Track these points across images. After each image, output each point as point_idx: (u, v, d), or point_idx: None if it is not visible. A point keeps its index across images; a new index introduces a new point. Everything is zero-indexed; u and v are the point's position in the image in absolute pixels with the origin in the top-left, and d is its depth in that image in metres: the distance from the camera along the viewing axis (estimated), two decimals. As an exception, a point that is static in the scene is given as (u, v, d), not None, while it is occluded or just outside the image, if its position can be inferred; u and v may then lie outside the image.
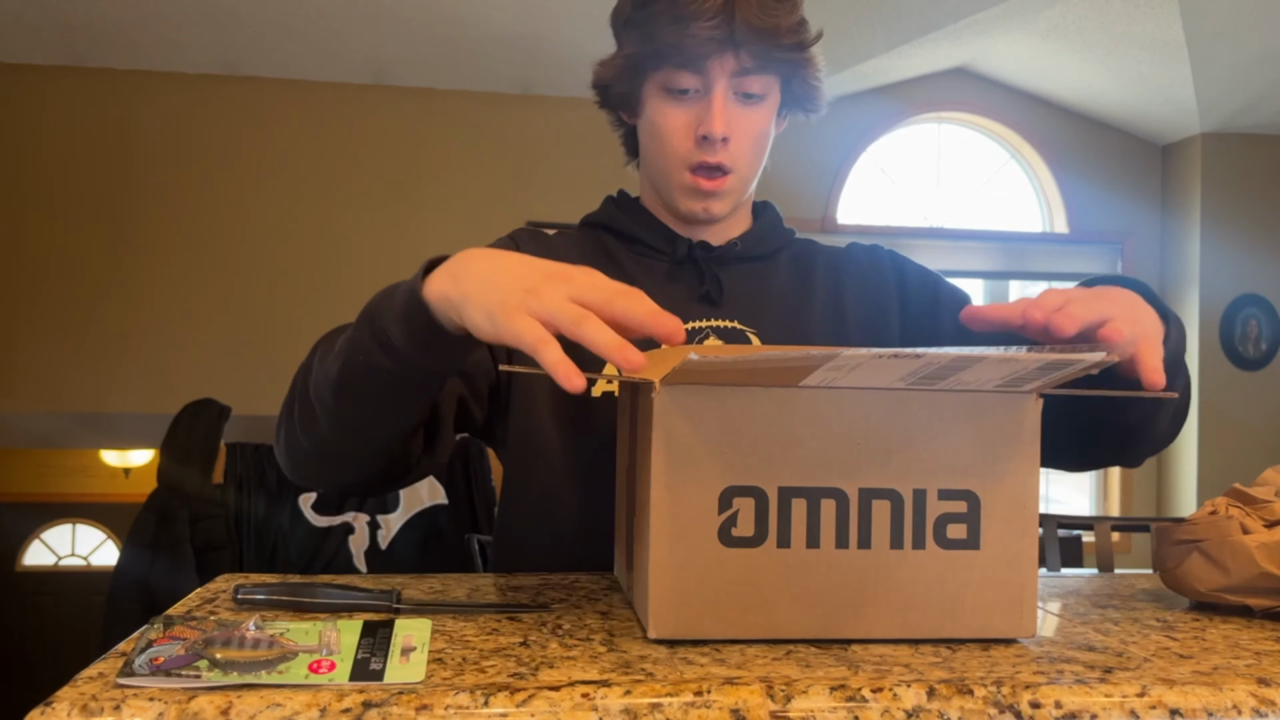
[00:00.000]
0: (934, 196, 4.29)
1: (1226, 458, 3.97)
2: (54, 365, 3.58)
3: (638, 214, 1.08)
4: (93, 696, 0.50)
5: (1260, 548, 0.73)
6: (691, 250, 1.04)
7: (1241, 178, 4.09)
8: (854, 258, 1.11)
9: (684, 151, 0.98)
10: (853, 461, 0.62)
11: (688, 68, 0.95)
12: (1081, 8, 3.42)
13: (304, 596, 0.68)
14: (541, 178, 3.80)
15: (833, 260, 1.10)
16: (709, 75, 0.95)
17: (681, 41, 0.93)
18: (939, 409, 0.62)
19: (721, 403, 0.61)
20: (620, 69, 1.01)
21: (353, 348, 0.73)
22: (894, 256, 1.11)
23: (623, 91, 1.02)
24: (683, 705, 0.52)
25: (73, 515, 5.01)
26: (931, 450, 0.63)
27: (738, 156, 0.99)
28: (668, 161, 1.00)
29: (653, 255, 1.06)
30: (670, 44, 0.94)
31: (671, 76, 0.96)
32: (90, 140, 3.63)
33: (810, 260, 1.10)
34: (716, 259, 1.05)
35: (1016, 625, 0.64)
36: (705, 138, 0.96)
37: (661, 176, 1.02)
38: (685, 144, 0.98)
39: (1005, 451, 0.63)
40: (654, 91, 0.99)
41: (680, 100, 0.97)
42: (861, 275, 1.09)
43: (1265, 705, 0.55)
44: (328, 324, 0.89)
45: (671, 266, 1.05)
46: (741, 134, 0.98)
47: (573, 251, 1.07)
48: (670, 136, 0.98)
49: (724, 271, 1.04)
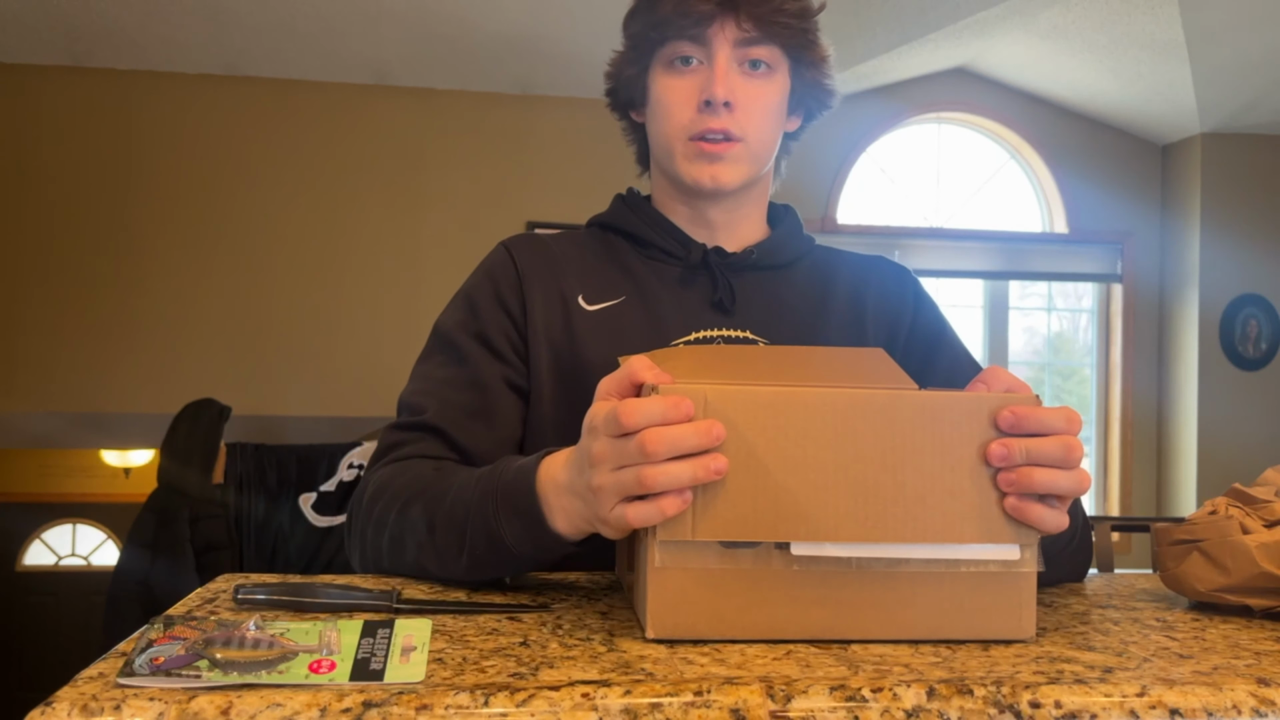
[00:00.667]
0: (934, 196, 4.29)
1: (1226, 458, 3.97)
2: (54, 365, 3.58)
3: (649, 215, 1.06)
4: (93, 696, 0.50)
5: (1260, 548, 0.73)
6: (706, 256, 1.02)
7: (1241, 178, 4.09)
8: (880, 270, 1.10)
9: (686, 120, 0.97)
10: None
11: (689, 36, 0.95)
12: (1081, 8, 3.42)
13: (304, 596, 0.68)
14: (541, 178, 3.81)
15: (858, 269, 1.09)
16: (711, 45, 0.95)
17: (682, 6, 0.93)
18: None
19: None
20: (626, 54, 1.01)
21: (473, 558, 0.76)
22: (917, 286, 1.10)
23: (630, 76, 1.02)
24: (683, 705, 0.52)
25: (73, 515, 5.02)
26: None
27: (745, 125, 0.97)
28: (671, 133, 0.98)
29: (665, 259, 1.04)
30: (671, 11, 0.94)
31: (674, 48, 0.96)
32: (90, 140, 3.63)
33: (832, 269, 1.08)
34: (731, 266, 1.02)
35: (1016, 627, 0.65)
36: (708, 102, 0.95)
37: (666, 153, 1.00)
38: (688, 112, 0.96)
39: None
40: (658, 72, 0.99)
41: (683, 71, 0.97)
42: (884, 289, 1.08)
43: (1265, 705, 0.55)
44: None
45: (684, 271, 1.03)
46: (748, 101, 0.96)
47: (575, 252, 1.05)
48: (673, 106, 0.97)
49: (738, 279, 1.02)
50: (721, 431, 0.60)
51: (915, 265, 4.16)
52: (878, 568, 0.63)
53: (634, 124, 1.08)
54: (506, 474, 0.74)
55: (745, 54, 0.96)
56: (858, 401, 0.62)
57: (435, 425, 0.93)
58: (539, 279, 1.02)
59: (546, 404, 0.98)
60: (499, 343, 0.99)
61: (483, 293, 1.02)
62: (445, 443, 0.93)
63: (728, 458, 0.60)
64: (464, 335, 0.99)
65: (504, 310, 1.00)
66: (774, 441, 0.61)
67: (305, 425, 3.67)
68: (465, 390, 0.96)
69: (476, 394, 0.96)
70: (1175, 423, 4.14)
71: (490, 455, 0.94)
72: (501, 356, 0.98)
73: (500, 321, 1.00)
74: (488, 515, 0.73)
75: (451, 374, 0.97)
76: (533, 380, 0.99)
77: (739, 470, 0.61)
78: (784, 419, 0.61)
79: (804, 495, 0.61)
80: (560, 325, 0.99)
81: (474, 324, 1.00)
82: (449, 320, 1.02)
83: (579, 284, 1.02)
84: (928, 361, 1.04)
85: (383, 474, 0.88)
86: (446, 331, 1.01)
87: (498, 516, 0.72)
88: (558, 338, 0.99)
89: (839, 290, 1.06)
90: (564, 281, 1.02)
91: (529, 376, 0.99)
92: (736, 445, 0.61)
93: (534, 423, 0.99)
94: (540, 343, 0.99)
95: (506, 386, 0.97)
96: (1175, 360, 4.16)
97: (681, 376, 0.64)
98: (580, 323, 0.99)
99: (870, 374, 0.71)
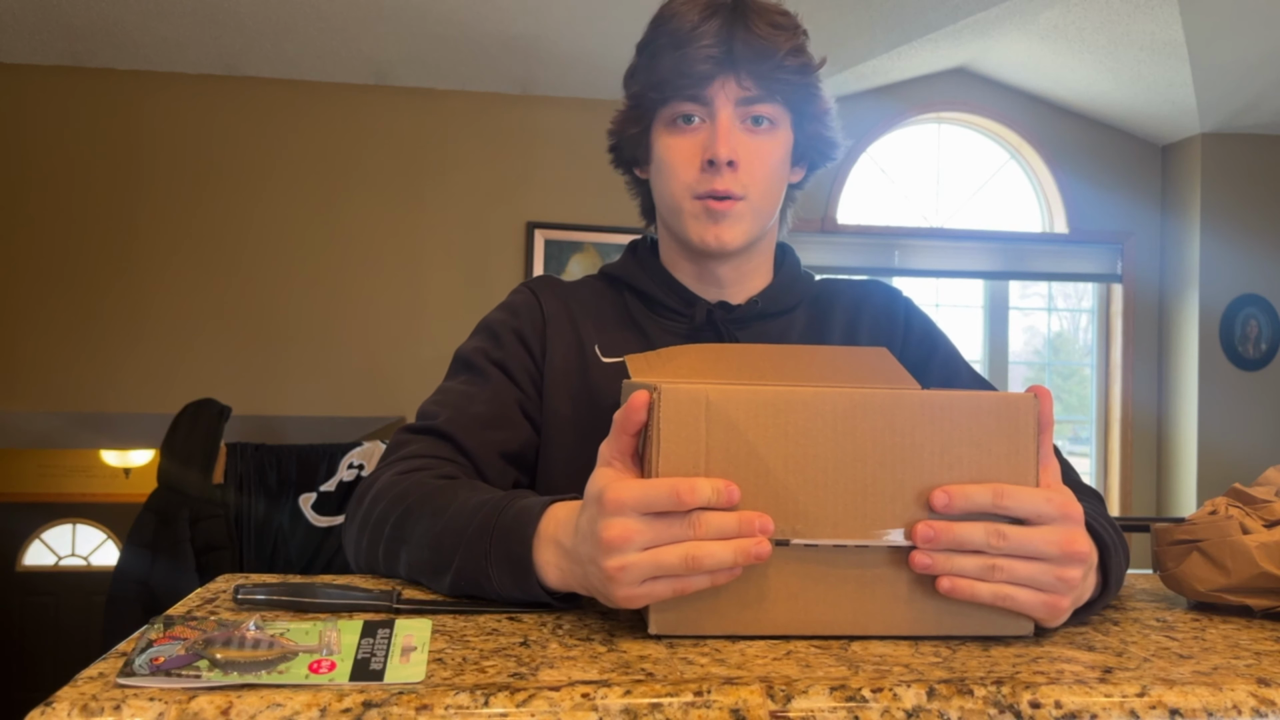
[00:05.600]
0: (934, 196, 4.29)
1: (1226, 458, 3.97)
2: (54, 365, 3.58)
3: (657, 272, 1.07)
4: (93, 696, 0.50)
5: (1260, 548, 0.73)
6: (710, 314, 1.03)
7: (1241, 178, 4.09)
8: (872, 294, 1.11)
9: (690, 180, 0.96)
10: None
11: (690, 94, 0.94)
12: (1081, 8, 3.42)
13: (304, 596, 0.68)
14: (541, 178, 3.81)
15: (852, 298, 1.10)
16: (713, 103, 0.94)
17: (681, 65, 0.92)
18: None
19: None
20: (627, 113, 1.00)
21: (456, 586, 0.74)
22: (908, 306, 1.11)
23: (633, 135, 1.01)
24: (683, 705, 0.52)
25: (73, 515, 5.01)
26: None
27: (749, 184, 0.96)
28: (675, 193, 0.98)
29: (672, 316, 1.05)
30: (671, 71, 0.93)
31: (676, 108, 0.96)
32: (90, 140, 3.63)
33: (829, 304, 1.09)
34: (736, 320, 1.04)
35: (1015, 623, 0.65)
36: (711, 162, 0.94)
37: (672, 213, 1.00)
38: (691, 172, 0.96)
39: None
40: (661, 131, 0.98)
41: (685, 130, 0.96)
42: (876, 313, 1.09)
43: (1265, 705, 0.55)
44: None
45: (690, 330, 1.04)
46: (751, 159, 0.96)
47: (593, 302, 1.07)
48: (677, 165, 0.97)
49: (743, 332, 1.04)
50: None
51: (915, 265, 4.16)
52: (878, 566, 0.63)
53: (638, 179, 1.08)
54: (507, 515, 0.73)
55: (747, 111, 0.95)
56: (857, 401, 0.62)
57: (446, 431, 0.94)
58: (560, 326, 1.04)
59: (558, 448, 0.99)
60: (518, 374, 1.01)
61: (505, 328, 1.04)
62: (454, 448, 0.93)
63: (729, 459, 0.61)
64: (484, 360, 1.01)
65: (525, 347, 1.02)
66: (774, 441, 0.61)
67: (305, 425, 3.67)
68: (480, 404, 0.97)
69: (491, 408, 0.97)
70: (1175, 423, 4.14)
71: (497, 466, 0.95)
72: (519, 385, 1.00)
73: (520, 355, 1.02)
74: (478, 555, 0.72)
75: (470, 390, 0.99)
76: (546, 425, 1.00)
77: (741, 469, 0.61)
78: (784, 418, 0.61)
79: (804, 493, 0.61)
80: (578, 374, 1.01)
81: (496, 352, 1.02)
82: (470, 346, 1.04)
83: (596, 335, 1.04)
84: (921, 377, 1.05)
85: (386, 477, 0.89)
86: (467, 356, 1.03)
87: (488, 557, 0.72)
88: (576, 386, 1.01)
89: (835, 323, 1.07)
90: (583, 331, 1.04)
91: (542, 420, 1.01)
92: (738, 444, 0.61)
93: (545, 466, 1.00)
94: (559, 387, 1.01)
95: (521, 411, 0.99)
96: (1175, 360, 4.16)
97: (683, 376, 0.64)
98: (596, 373, 1.01)
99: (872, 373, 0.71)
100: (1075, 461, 4.27)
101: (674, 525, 0.60)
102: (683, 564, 0.59)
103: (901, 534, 0.62)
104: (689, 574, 0.60)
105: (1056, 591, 0.63)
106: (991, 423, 0.63)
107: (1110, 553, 0.72)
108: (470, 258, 3.76)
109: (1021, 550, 0.62)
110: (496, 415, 0.97)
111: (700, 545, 0.59)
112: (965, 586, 0.62)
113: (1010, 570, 0.62)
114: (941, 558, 0.62)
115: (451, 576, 0.74)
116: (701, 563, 0.59)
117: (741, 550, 0.59)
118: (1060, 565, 0.62)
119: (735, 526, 0.60)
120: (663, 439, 0.61)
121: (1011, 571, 0.62)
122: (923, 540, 0.61)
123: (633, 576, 0.60)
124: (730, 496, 0.60)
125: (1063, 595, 0.63)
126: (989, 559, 0.62)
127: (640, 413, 0.62)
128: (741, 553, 0.59)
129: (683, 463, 0.61)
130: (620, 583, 0.60)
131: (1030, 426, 0.63)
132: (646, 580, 0.60)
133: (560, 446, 0.99)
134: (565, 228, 3.75)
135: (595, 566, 0.62)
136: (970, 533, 0.61)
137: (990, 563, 0.62)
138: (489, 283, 3.74)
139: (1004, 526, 0.62)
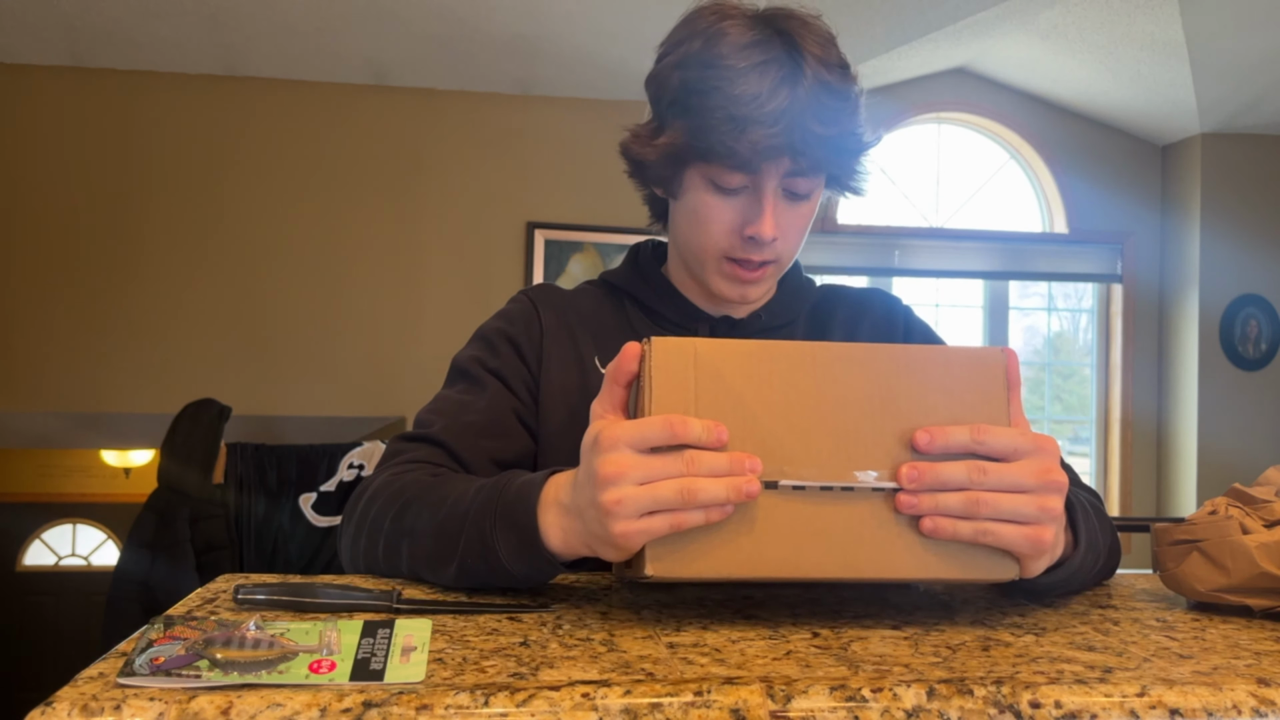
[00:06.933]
0: (934, 197, 4.29)
1: (1226, 458, 3.97)
2: (54, 365, 3.58)
3: (660, 285, 1.06)
4: (93, 696, 0.50)
5: (1260, 548, 0.73)
6: (714, 330, 1.03)
7: (1241, 178, 4.09)
8: (872, 303, 1.11)
9: (726, 245, 0.95)
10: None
11: (741, 170, 0.91)
12: (1081, 8, 3.42)
13: (304, 596, 0.68)
14: (541, 178, 3.81)
15: (853, 306, 1.10)
16: (760, 174, 0.91)
17: (738, 144, 0.88)
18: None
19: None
20: (662, 155, 0.94)
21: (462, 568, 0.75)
22: (908, 314, 1.11)
23: (663, 175, 0.98)
24: (683, 705, 0.52)
25: (73, 515, 5.02)
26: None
27: (782, 250, 0.96)
28: (705, 248, 0.97)
29: (674, 329, 1.05)
30: (725, 145, 0.88)
31: (721, 174, 0.92)
32: (90, 140, 3.63)
33: (829, 313, 1.09)
34: (739, 334, 1.04)
35: (1002, 565, 0.66)
36: (753, 239, 0.93)
37: (698, 261, 0.99)
38: (730, 239, 0.95)
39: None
40: (697, 180, 0.94)
41: (726, 195, 0.93)
42: (876, 320, 1.09)
43: (1265, 705, 0.55)
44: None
45: None
46: (788, 228, 0.95)
47: (592, 310, 1.07)
48: (714, 229, 0.95)
49: None
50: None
51: (915, 265, 4.16)
52: (866, 509, 0.65)
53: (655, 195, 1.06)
54: (509, 490, 0.74)
55: (792, 183, 0.93)
56: (836, 353, 0.66)
57: (440, 439, 0.94)
58: (558, 337, 1.04)
59: (555, 458, 0.99)
60: (514, 382, 1.01)
61: (501, 336, 1.04)
62: (449, 455, 0.94)
63: (718, 405, 0.64)
64: (480, 369, 1.01)
65: (520, 358, 1.03)
66: (759, 389, 0.65)
67: (305, 425, 3.67)
68: (476, 412, 0.98)
69: (487, 417, 0.98)
70: (1175, 423, 4.14)
71: (491, 473, 0.95)
72: (515, 394, 1.01)
73: (516, 365, 1.02)
74: (484, 529, 0.73)
75: (465, 398, 0.99)
76: (543, 435, 1.00)
77: (728, 416, 0.64)
78: (768, 368, 0.65)
79: (790, 437, 0.65)
80: (577, 385, 1.01)
81: (492, 360, 1.02)
82: (466, 355, 1.04)
83: (595, 344, 1.04)
84: None
85: (381, 479, 0.89)
86: (463, 365, 1.03)
87: (494, 531, 0.72)
88: (574, 397, 1.01)
89: (835, 332, 1.08)
90: (581, 340, 1.04)
91: (539, 430, 1.01)
92: (725, 393, 0.64)
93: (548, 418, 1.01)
94: (556, 398, 1.01)
95: (517, 420, 0.99)
96: (1175, 360, 4.16)
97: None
98: (595, 384, 1.01)
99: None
100: (1075, 461, 4.27)
101: (669, 461, 0.61)
102: (678, 497, 0.61)
103: (883, 475, 0.65)
104: (685, 508, 0.61)
105: (1039, 522, 0.65)
106: (962, 373, 0.67)
107: (1076, 509, 0.75)
108: (470, 258, 3.76)
109: (1002, 484, 0.64)
110: (492, 424, 0.97)
111: (695, 480, 0.61)
112: (947, 526, 0.64)
113: (994, 504, 0.64)
114: (926, 496, 0.64)
115: (458, 561, 0.75)
116: (697, 496, 0.61)
117: (734, 487, 0.61)
118: (1041, 494, 0.65)
119: (727, 465, 0.62)
120: (654, 385, 0.64)
121: (995, 506, 0.64)
122: (907, 480, 0.64)
123: (629, 510, 0.61)
124: (719, 436, 0.62)
125: (1045, 526, 0.65)
126: (972, 494, 0.64)
127: (632, 362, 0.65)
128: (734, 489, 0.61)
129: (673, 409, 0.63)
130: (617, 516, 0.61)
131: (999, 376, 0.67)
132: (643, 515, 0.61)
133: (557, 456, 0.99)
134: (565, 228, 3.75)
135: (593, 508, 0.63)
136: (952, 471, 0.64)
137: (974, 497, 0.64)
138: (489, 283, 3.74)
139: (984, 463, 0.64)
